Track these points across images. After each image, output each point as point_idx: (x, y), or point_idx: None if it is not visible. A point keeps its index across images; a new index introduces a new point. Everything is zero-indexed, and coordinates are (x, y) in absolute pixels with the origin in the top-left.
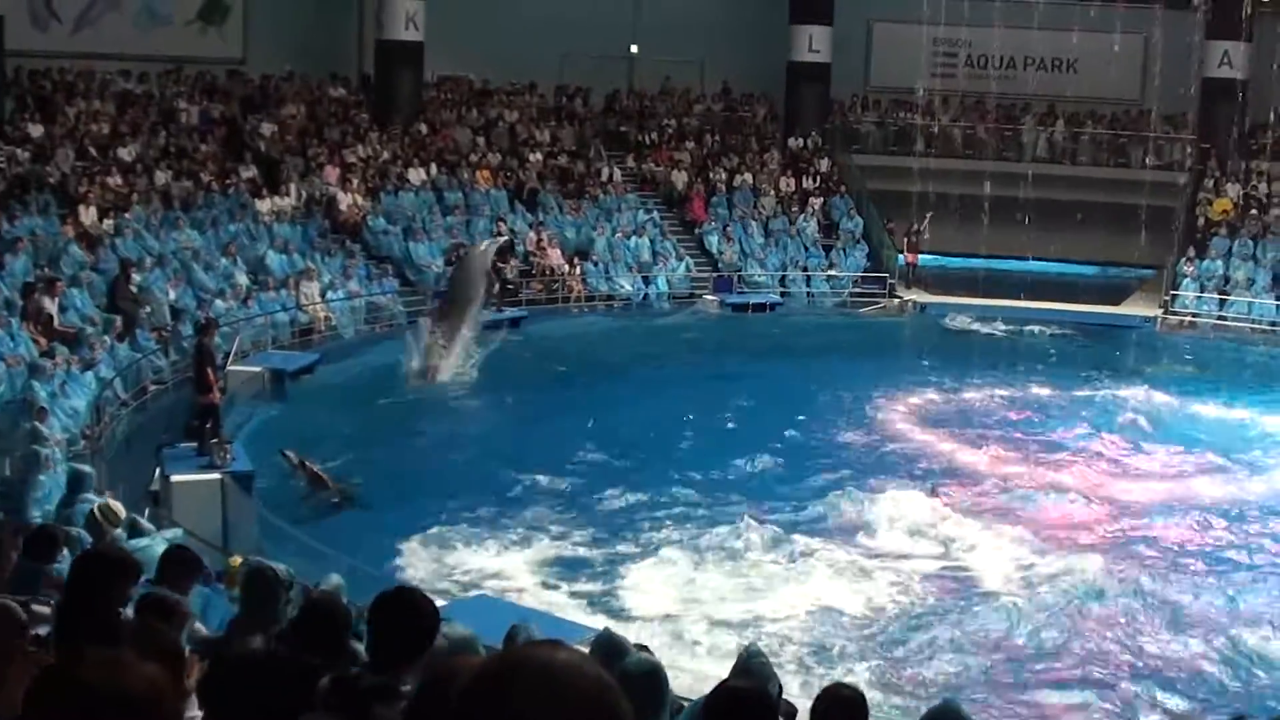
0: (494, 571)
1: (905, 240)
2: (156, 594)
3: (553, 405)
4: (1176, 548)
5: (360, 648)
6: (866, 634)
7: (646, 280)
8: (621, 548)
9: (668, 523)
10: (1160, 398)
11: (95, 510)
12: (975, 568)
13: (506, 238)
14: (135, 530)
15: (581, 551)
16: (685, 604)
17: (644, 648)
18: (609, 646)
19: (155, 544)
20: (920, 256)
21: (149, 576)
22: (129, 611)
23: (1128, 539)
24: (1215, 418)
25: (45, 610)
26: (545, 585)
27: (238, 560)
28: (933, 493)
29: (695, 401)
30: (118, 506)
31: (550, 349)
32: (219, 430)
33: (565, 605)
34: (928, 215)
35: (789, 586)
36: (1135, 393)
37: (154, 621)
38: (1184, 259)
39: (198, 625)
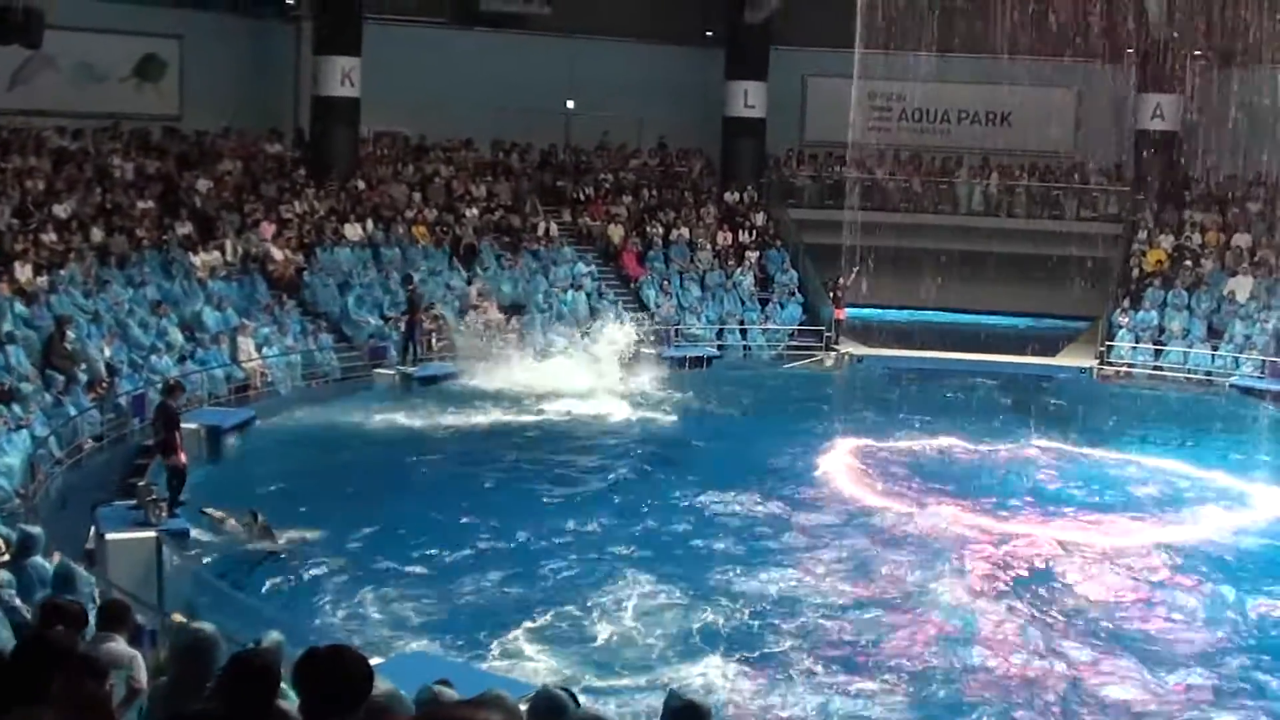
0: (425, 630)
1: (831, 295)
2: (84, 652)
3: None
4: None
5: (292, 706)
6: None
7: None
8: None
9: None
10: (1086, 448)
11: None
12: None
13: (419, 290)
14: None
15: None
16: (594, 665)
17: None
18: (549, 704)
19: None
20: (848, 311)
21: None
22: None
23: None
24: (1149, 467)
25: None
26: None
27: (178, 617)
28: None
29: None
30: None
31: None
32: (175, 487)
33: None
34: (853, 270)
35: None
36: (1062, 444)
37: (81, 679)
38: (1119, 310)
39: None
